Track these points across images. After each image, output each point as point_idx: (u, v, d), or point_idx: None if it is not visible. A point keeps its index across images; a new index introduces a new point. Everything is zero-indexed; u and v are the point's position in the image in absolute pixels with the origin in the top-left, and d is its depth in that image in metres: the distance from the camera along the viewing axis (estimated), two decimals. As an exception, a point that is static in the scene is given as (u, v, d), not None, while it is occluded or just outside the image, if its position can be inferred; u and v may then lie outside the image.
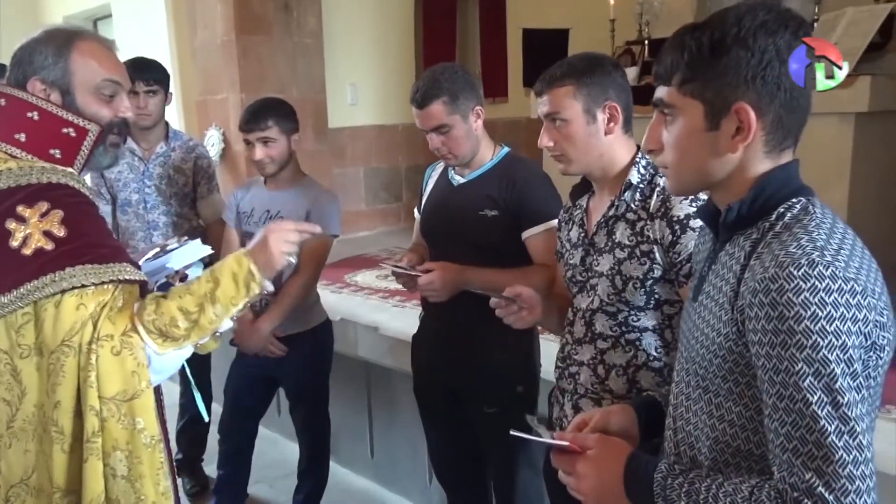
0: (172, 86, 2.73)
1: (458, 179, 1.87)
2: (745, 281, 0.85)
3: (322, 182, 2.48)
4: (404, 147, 5.20)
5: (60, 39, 1.22)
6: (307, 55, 4.26)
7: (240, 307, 1.23)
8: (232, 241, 2.34)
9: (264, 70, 4.06)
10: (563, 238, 1.54)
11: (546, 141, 1.41)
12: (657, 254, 1.31)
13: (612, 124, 1.38)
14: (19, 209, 1.11)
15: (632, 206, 1.36)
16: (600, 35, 4.33)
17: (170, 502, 1.18)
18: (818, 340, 0.77)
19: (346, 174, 4.96)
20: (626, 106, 1.40)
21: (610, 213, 1.39)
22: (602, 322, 1.40)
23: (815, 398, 0.77)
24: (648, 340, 1.37)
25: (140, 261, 1.39)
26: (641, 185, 1.37)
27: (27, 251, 1.10)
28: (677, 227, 1.28)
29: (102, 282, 1.12)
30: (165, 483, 1.17)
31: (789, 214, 0.88)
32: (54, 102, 1.20)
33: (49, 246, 1.10)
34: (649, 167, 1.38)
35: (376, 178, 5.19)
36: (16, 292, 1.08)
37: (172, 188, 2.62)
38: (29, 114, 1.19)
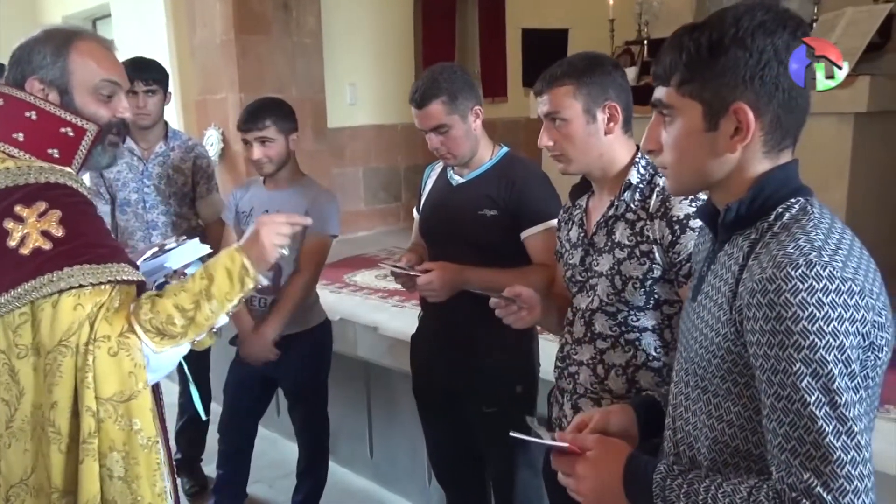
0: (171, 85, 2.72)
1: (457, 179, 1.87)
2: (744, 281, 0.85)
3: (321, 182, 2.47)
4: (403, 147, 5.20)
5: (59, 39, 1.21)
6: (306, 55, 4.25)
7: (235, 302, 1.22)
8: (231, 241, 2.34)
9: (263, 70, 4.05)
10: (563, 238, 1.54)
11: (546, 140, 1.41)
12: (657, 254, 1.31)
13: (612, 124, 1.38)
14: (17, 209, 1.11)
15: (631, 206, 1.36)
16: (599, 35, 4.33)
17: (166, 503, 1.18)
18: (815, 341, 0.77)
19: (345, 174, 4.96)
20: (626, 106, 1.40)
21: (609, 213, 1.38)
22: (601, 322, 1.40)
23: (813, 398, 0.77)
24: (648, 340, 1.37)
25: (138, 260, 1.39)
26: (641, 185, 1.36)
27: (25, 251, 1.09)
28: (677, 227, 1.28)
29: (100, 282, 1.12)
30: (162, 484, 1.16)
31: (788, 215, 0.88)
32: (52, 102, 1.20)
33: (47, 246, 1.10)
34: (649, 167, 1.38)
35: (375, 178, 5.19)
36: (13, 292, 1.08)
37: (171, 188, 2.62)
38: (27, 113, 1.18)
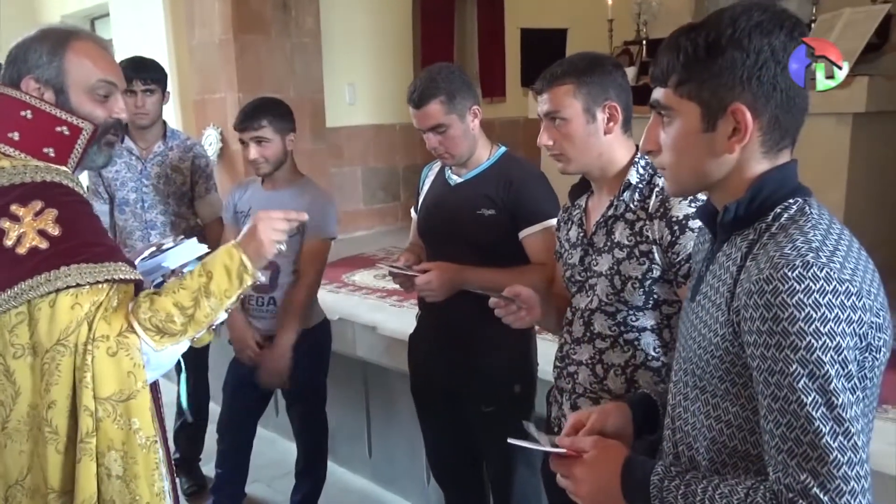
0: (170, 85, 2.72)
1: (455, 179, 1.87)
2: (741, 282, 0.85)
3: (320, 181, 2.47)
4: (402, 147, 5.20)
5: (55, 38, 1.21)
6: (305, 55, 4.25)
7: (233, 299, 1.22)
8: (230, 241, 2.34)
9: (262, 69, 4.05)
10: (562, 238, 1.54)
11: (545, 140, 1.41)
12: (656, 254, 1.31)
13: (612, 124, 1.38)
14: (13, 208, 1.11)
15: (631, 206, 1.36)
16: (598, 35, 4.33)
17: (165, 503, 1.18)
18: (812, 342, 0.77)
19: (344, 174, 4.95)
20: (626, 106, 1.40)
21: (609, 213, 1.38)
22: (601, 322, 1.40)
23: (810, 399, 0.77)
24: (647, 340, 1.37)
25: (136, 260, 1.38)
26: (640, 186, 1.36)
27: (21, 250, 1.09)
28: (676, 228, 1.28)
29: (97, 281, 1.11)
30: (161, 484, 1.16)
31: (786, 215, 0.87)
32: (48, 101, 1.19)
33: (43, 245, 1.10)
34: (648, 167, 1.38)
35: (374, 178, 5.19)
36: (10, 291, 1.08)
37: (170, 187, 2.61)
38: (22, 112, 1.18)
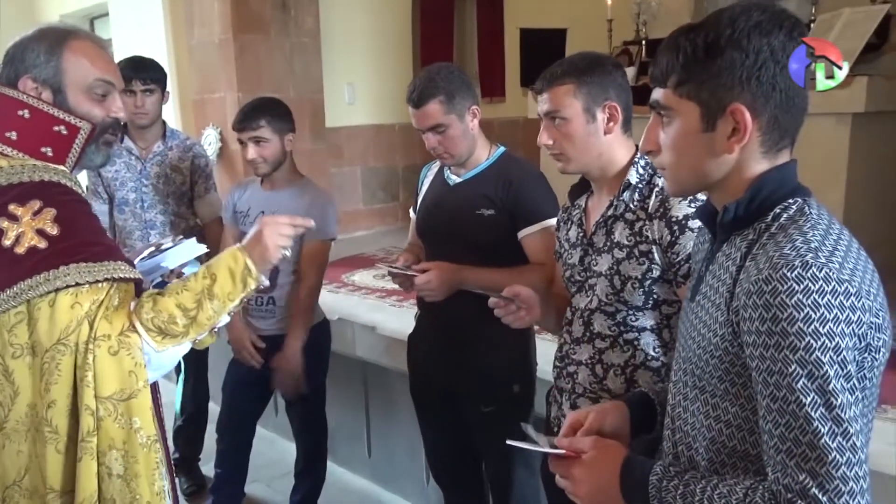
0: (169, 85, 2.72)
1: (455, 179, 1.87)
2: (741, 282, 0.85)
3: (319, 181, 2.47)
4: (401, 146, 5.20)
5: (53, 38, 1.21)
6: (304, 54, 4.25)
7: (236, 302, 1.22)
8: (229, 241, 2.34)
9: (261, 69, 4.05)
10: (562, 238, 1.54)
11: (545, 139, 1.41)
12: (656, 254, 1.31)
13: (612, 124, 1.38)
14: (11, 207, 1.10)
15: (630, 207, 1.36)
16: (598, 35, 4.33)
17: (165, 502, 1.18)
18: (811, 342, 0.77)
19: (344, 173, 4.95)
20: (626, 106, 1.40)
21: (609, 213, 1.38)
22: (600, 322, 1.40)
23: (809, 400, 0.77)
24: (647, 340, 1.37)
25: (135, 260, 1.38)
26: (640, 186, 1.37)
27: (20, 250, 1.09)
28: (676, 228, 1.28)
29: (97, 280, 1.11)
30: (161, 483, 1.16)
31: (785, 215, 0.88)
32: (46, 101, 1.19)
33: (42, 244, 1.10)
34: (648, 167, 1.38)
35: (374, 178, 5.19)
36: (9, 291, 1.08)
37: (169, 187, 2.61)
38: (20, 112, 1.18)
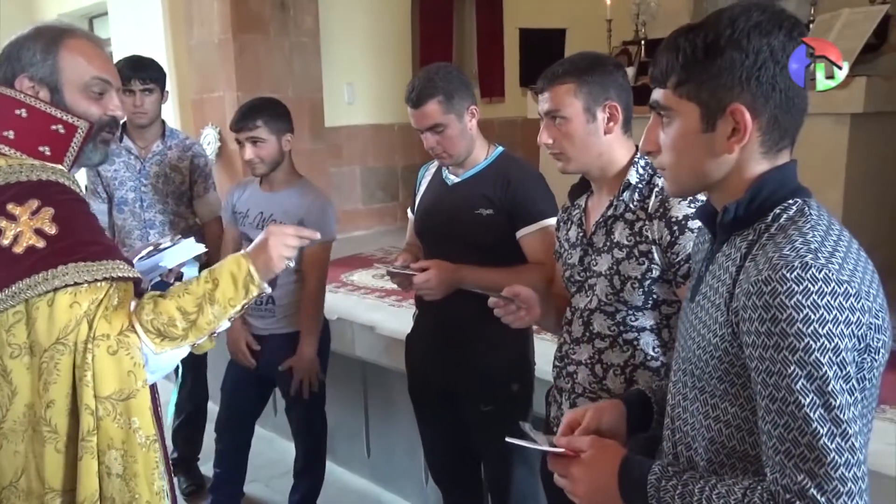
0: (169, 84, 2.72)
1: (453, 179, 1.87)
2: (740, 282, 0.85)
3: (318, 181, 2.47)
4: (401, 146, 5.20)
5: (49, 37, 1.20)
6: (304, 54, 4.25)
7: (238, 308, 1.22)
8: (230, 240, 2.34)
9: (261, 69, 4.05)
10: (562, 238, 1.54)
11: (545, 138, 1.42)
12: (655, 254, 1.31)
13: (612, 124, 1.38)
14: (9, 207, 1.10)
15: (630, 207, 1.36)
16: (597, 35, 4.33)
17: (164, 502, 1.17)
18: (810, 343, 0.77)
19: (343, 173, 4.95)
20: (627, 106, 1.40)
21: (608, 213, 1.39)
22: (600, 321, 1.40)
23: (808, 400, 0.77)
24: (646, 340, 1.37)
25: (134, 259, 1.38)
26: (640, 186, 1.37)
27: (18, 249, 1.09)
28: (675, 228, 1.28)
29: (95, 279, 1.11)
30: (160, 483, 1.16)
31: (785, 216, 0.88)
32: (42, 100, 1.19)
33: (40, 244, 1.09)
34: (648, 167, 1.38)
35: (373, 178, 5.19)
36: (7, 291, 1.07)
37: (169, 187, 2.61)
38: (17, 111, 1.17)
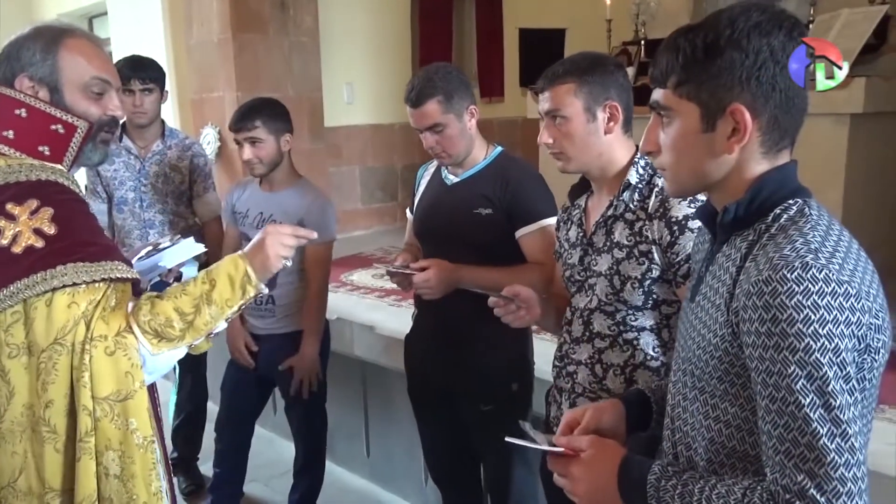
0: (168, 84, 2.72)
1: (452, 179, 1.86)
2: (741, 283, 0.85)
3: (317, 181, 2.47)
4: (400, 146, 5.20)
5: (49, 36, 1.20)
6: (303, 54, 4.24)
7: (235, 309, 1.22)
8: (231, 240, 2.34)
9: (260, 68, 4.04)
10: (562, 237, 1.54)
11: (546, 138, 1.42)
12: (655, 254, 1.31)
13: (612, 124, 1.39)
14: (8, 207, 1.10)
15: (630, 207, 1.36)
16: (597, 35, 4.33)
17: (162, 503, 1.17)
18: (811, 343, 0.77)
19: (342, 173, 4.95)
20: (627, 106, 1.40)
21: (609, 213, 1.39)
22: (600, 321, 1.40)
23: (808, 401, 0.77)
24: (646, 340, 1.37)
25: (133, 259, 1.38)
26: (640, 186, 1.37)
27: (17, 249, 1.08)
28: (675, 228, 1.29)
29: (94, 280, 1.11)
30: (158, 483, 1.16)
31: (785, 216, 0.87)
32: (42, 99, 1.19)
33: (39, 244, 1.09)
34: (648, 167, 1.38)
35: (372, 178, 5.19)
36: (5, 291, 1.07)
37: (168, 186, 2.61)
38: (17, 111, 1.17)
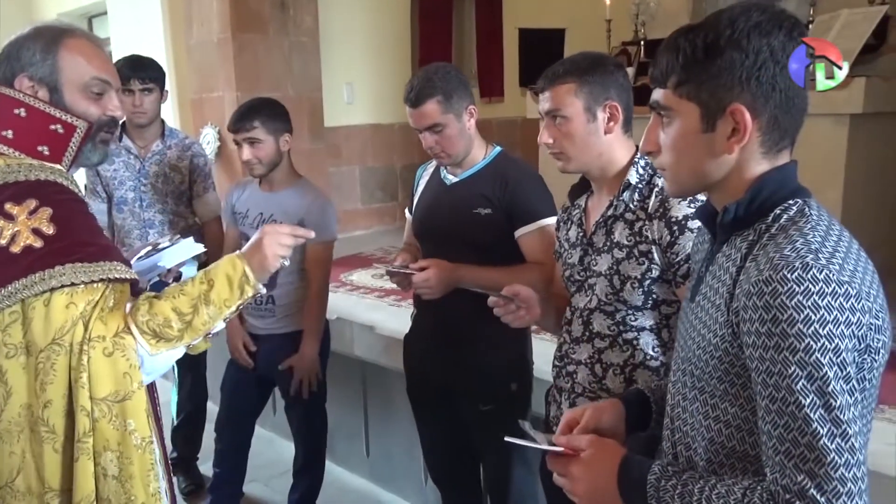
0: (168, 83, 2.72)
1: (451, 179, 1.86)
2: (741, 283, 0.85)
3: (317, 181, 2.47)
4: (400, 146, 5.20)
5: (49, 36, 1.20)
6: (303, 54, 4.24)
7: (233, 309, 1.22)
8: (231, 239, 2.34)
9: (260, 68, 4.04)
10: (562, 237, 1.54)
11: (546, 138, 1.42)
12: (655, 254, 1.31)
13: (612, 124, 1.39)
14: (7, 206, 1.10)
15: (630, 207, 1.36)
16: (596, 35, 4.33)
17: (161, 503, 1.17)
18: (811, 344, 0.77)
19: (342, 173, 4.95)
20: (627, 106, 1.41)
21: (608, 213, 1.39)
22: (600, 321, 1.40)
23: (808, 401, 0.77)
24: (646, 340, 1.37)
25: (132, 259, 1.38)
26: (640, 186, 1.37)
27: (15, 249, 1.08)
28: (675, 228, 1.29)
29: (92, 280, 1.11)
30: (156, 484, 1.15)
31: (785, 216, 0.87)
32: (42, 99, 1.19)
33: (38, 244, 1.09)
34: (648, 167, 1.38)
35: (372, 178, 5.19)
36: (3, 291, 1.07)
37: (168, 186, 2.61)
38: (16, 110, 1.17)
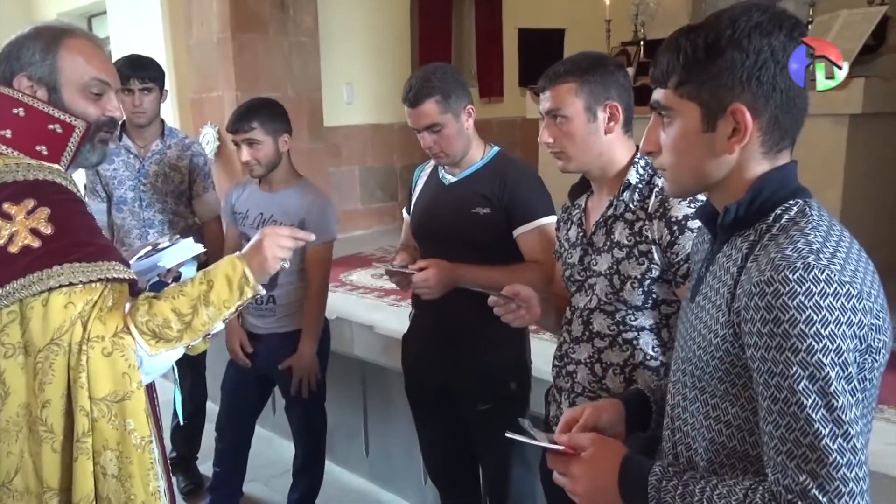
0: (167, 83, 2.72)
1: (450, 178, 1.86)
2: (742, 283, 0.85)
3: (317, 181, 2.47)
4: (400, 146, 5.20)
5: (49, 36, 1.20)
6: (303, 53, 4.24)
7: (232, 310, 1.21)
8: (232, 241, 2.34)
9: (260, 68, 4.04)
10: (562, 237, 1.54)
11: (546, 137, 1.42)
12: (655, 254, 1.31)
13: (613, 123, 1.39)
14: (5, 206, 1.10)
15: (630, 206, 1.36)
16: (596, 36, 4.33)
17: (160, 502, 1.17)
18: (813, 344, 0.77)
19: (342, 173, 4.95)
20: (628, 106, 1.41)
21: (609, 213, 1.39)
22: (600, 321, 1.40)
23: (810, 401, 0.77)
24: (646, 340, 1.37)
25: (132, 259, 1.38)
26: (640, 186, 1.37)
27: (13, 249, 1.08)
28: (675, 228, 1.29)
29: (90, 280, 1.10)
30: (156, 483, 1.15)
31: (786, 217, 0.88)
32: (41, 99, 1.18)
33: (36, 244, 1.09)
34: (648, 167, 1.38)
35: (372, 177, 5.19)
36: (1, 290, 1.07)
37: (168, 186, 2.61)
38: (14, 110, 1.17)
